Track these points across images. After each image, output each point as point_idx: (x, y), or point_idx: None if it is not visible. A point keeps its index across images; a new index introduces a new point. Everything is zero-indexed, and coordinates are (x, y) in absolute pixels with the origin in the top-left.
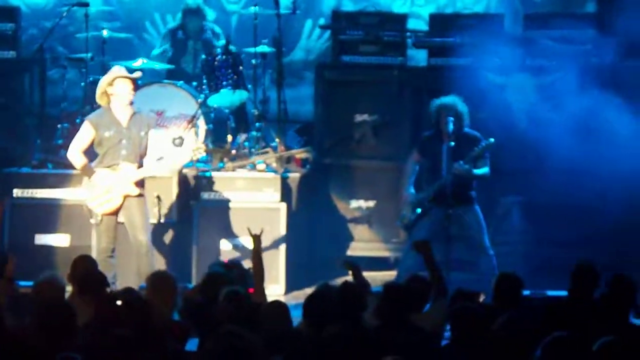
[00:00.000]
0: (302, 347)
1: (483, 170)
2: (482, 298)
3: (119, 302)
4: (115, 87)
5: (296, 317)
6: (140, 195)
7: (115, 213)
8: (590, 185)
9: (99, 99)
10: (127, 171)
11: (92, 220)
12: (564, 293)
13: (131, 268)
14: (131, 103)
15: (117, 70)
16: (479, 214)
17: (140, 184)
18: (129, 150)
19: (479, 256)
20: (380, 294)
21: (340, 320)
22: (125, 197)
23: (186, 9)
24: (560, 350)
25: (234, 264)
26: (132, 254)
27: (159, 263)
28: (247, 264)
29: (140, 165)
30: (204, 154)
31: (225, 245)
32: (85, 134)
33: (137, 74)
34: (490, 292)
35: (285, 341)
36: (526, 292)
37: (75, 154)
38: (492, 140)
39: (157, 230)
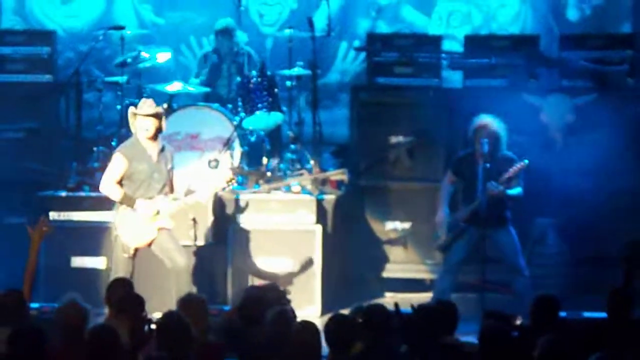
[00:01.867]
0: None
1: (516, 190)
2: (518, 321)
3: (153, 325)
4: (137, 122)
5: None
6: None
7: (148, 245)
8: (627, 206)
9: (132, 127)
10: (164, 203)
11: (125, 255)
12: (600, 314)
13: (170, 290)
14: (156, 136)
15: (139, 106)
16: (514, 235)
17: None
18: (160, 183)
19: (514, 277)
20: (410, 316)
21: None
22: (159, 230)
23: (217, 30)
24: None
25: (271, 286)
26: (170, 276)
27: (195, 285)
28: (283, 285)
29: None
30: (236, 184)
31: (260, 267)
32: (117, 166)
33: (152, 110)
34: (527, 314)
35: None
36: (562, 314)
37: (109, 185)
38: (526, 161)
39: (193, 253)
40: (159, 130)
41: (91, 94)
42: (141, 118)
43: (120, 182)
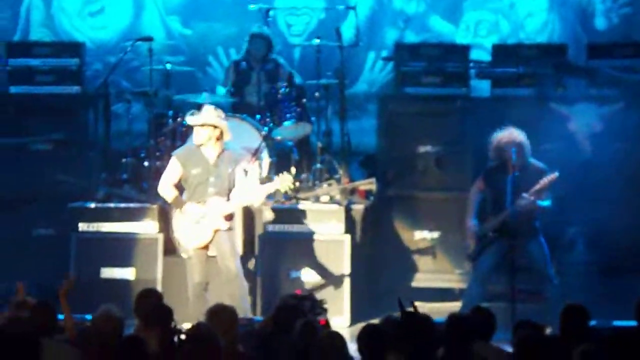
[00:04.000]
0: None
1: (546, 202)
2: (548, 330)
3: (183, 336)
4: (194, 132)
5: None
6: (230, 229)
7: (206, 247)
8: None
9: None
10: (217, 205)
11: (184, 255)
12: (630, 323)
13: (224, 297)
14: (217, 141)
15: (188, 117)
16: (544, 244)
17: (230, 217)
18: (217, 187)
19: (544, 287)
20: (444, 324)
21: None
22: (215, 231)
23: (254, 33)
24: None
25: (306, 296)
26: (223, 283)
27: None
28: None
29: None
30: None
31: (289, 276)
32: (172, 170)
33: (195, 121)
34: (557, 323)
35: None
36: (592, 323)
37: (165, 187)
38: (557, 173)
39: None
40: (217, 137)
41: (119, 105)
42: (194, 128)
43: (178, 185)
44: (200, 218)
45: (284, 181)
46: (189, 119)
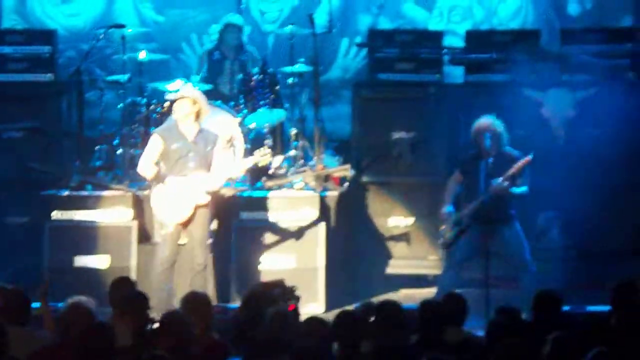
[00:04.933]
0: None
1: (522, 189)
2: (523, 316)
3: (156, 324)
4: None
5: None
6: (206, 207)
7: (186, 225)
8: (629, 200)
9: None
10: (198, 178)
11: (162, 231)
12: (604, 307)
13: (184, 285)
14: (195, 118)
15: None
16: (520, 230)
17: (210, 193)
18: (197, 162)
19: (520, 273)
20: (417, 311)
21: (376, 338)
22: (197, 207)
23: (225, 23)
24: None
25: (276, 282)
26: (187, 271)
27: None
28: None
29: None
30: (270, 159)
31: (264, 264)
32: (153, 146)
33: (173, 96)
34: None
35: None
36: (566, 308)
37: (145, 165)
38: (530, 156)
39: None
40: (193, 112)
41: (93, 93)
42: (175, 102)
43: (158, 163)
44: (182, 191)
45: (263, 155)
46: (170, 95)
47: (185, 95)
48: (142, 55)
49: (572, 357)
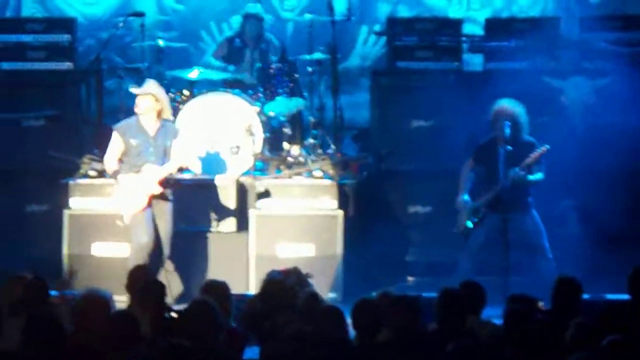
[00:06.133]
0: (354, 353)
1: (537, 176)
2: (540, 304)
3: (174, 313)
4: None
5: None
6: (168, 200)
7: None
8: None
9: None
10: (150, 170)
11: (119, 223)
12: (622, 296)
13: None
14: (157, 116)
15: (134, 88)
16: (537, 218)
17: (164, 184)
18: (156, 157)
19: (538, 260)
20: (436, 299)
21: (394, 326)
22: (152, 198)
23: (246, 13)
24: (616, 354)
25: (292, 271)
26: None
27: (217, 272)
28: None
29: None
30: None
31: (282, 252)
32: (114, 143)
33: (141, 90)
34: (550, 297)
35: (338, 346)
36: (585, 296)
37: (107, 161)
38: (547, 146)
39: (214, 239)
40: (157, 110)
41: (112, 81)
42: (138, 97)
43: (121, 158)
44: (135, 185)
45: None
46: (133, 89)
47: (148, 92)
48: (161, 43)
49: (594, 343)
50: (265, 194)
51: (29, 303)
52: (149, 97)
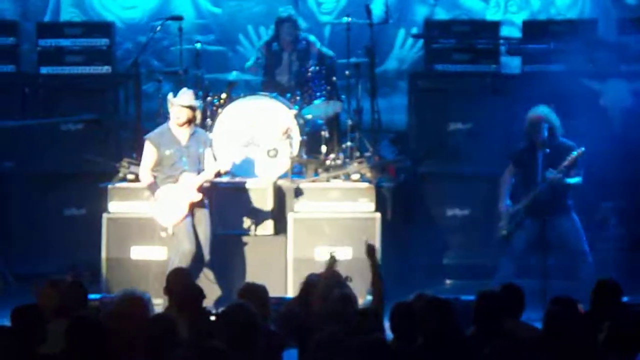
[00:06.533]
0: (392, 356)
1: (576, 179)
2: (580, 307)
3: (212, 317)
4: (172, 111)
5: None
6: (205, 206)
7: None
8: None
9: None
10: (188, 178)
11: (163, 234)
12: None
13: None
14: (189, 123)
15: (178, 96)
16: (577, 221)
17: (203, 191)
18: (189, 166)
19: (578, 263)
20: (474, 302)
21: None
22: (191, 205)
23: (278, 19)
24: None
25: (332, 274)
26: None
27: (255, 275)
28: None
29: None
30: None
31: (320, 255)
32: (148, 154)
33: (188, 102)
34: (589, 301)
35: (375, 350)
36: (624, 299)
37: (143, 173)
38: (582, 148)
39: (252, 243)
40: (191, 119)
41: (150, 85)
42: (177, 108)
43: (154, 169)
44: (174, 194)
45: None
46: (177, 100)
47: (190, 105)
48: (199, 46)
49: (628, 346)
50: (303, 197)
51: (68, 306)
52: (186, 110)
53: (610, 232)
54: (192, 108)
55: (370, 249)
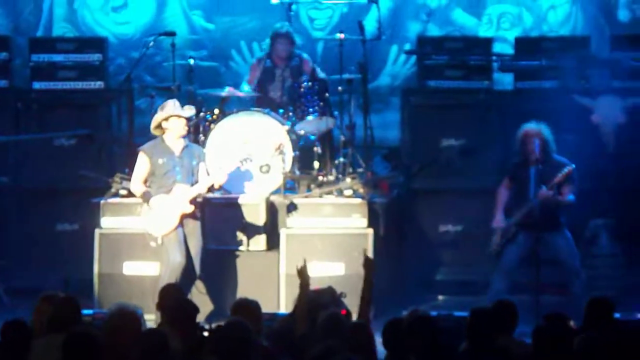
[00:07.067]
0: None
1: (569, 198)
2: (571, 323)
3: (204, 332)
4: (170, 123)
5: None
6: (197, 219)
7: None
8: None
9: (154, 130)
10: (181, 189)
11: (152, 244)
12: None
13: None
14: (183, 137)
15: (172, 107)
16: (569, 237)
17: (195, 203)
18: (183, 176)
19: (570, 280)
20: (467, 318)
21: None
22: (183, 217)
23: (274, 34)
24: None
25: (326, 290)
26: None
27: (247, 291)
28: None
29: None
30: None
31: (313, 271)
32: (141, 164)
33: (189, 112)
34: (582, 317)
35: None
36: (616, 315)
37: (134, 183)
38: (572, 166)
39: (245, 258)
40: (183, 131)
41: (143, 100)
42: (177, 119)
43: (147, 180)
44: (166, 205)
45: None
46: (185, 113)
47: (184, 116)
48: (192, 62)
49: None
50: (296, 212)
51: (61, 321)
52: (182, 121)
53: (602, 248)
54: (187, 121)
55: (368, 262)
